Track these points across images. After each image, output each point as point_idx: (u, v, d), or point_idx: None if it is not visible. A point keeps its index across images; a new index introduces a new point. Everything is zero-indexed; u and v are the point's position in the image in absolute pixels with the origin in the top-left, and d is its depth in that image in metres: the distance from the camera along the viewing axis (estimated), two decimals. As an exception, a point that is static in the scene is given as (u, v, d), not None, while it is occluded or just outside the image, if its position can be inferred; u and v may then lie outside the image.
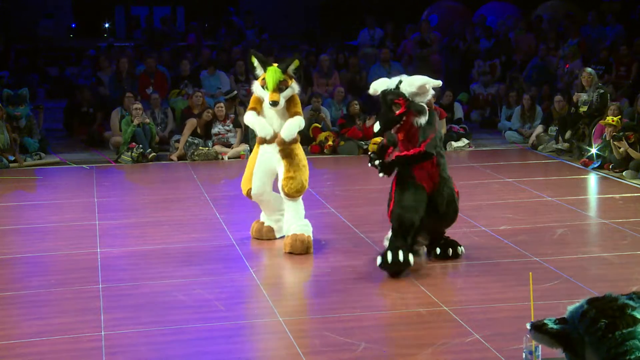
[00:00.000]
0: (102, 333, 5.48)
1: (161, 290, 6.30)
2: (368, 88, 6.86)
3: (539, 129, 12.48)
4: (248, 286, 6.47)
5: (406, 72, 14.88)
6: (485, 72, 15.15)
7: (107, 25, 24.82)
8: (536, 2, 18.55)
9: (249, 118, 7.39)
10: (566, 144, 11.72)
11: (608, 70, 14.02)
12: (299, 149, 7.40)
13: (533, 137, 12.43)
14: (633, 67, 13.93)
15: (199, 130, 11.97)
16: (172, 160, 11.76)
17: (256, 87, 7.36)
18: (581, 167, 10.88)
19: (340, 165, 11.59)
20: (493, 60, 15.45)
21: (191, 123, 11.96)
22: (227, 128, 12.09)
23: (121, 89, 13.32)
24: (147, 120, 11.98)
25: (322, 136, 12.39)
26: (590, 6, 16.74)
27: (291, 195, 7.23)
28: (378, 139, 12.01)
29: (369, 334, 5.53)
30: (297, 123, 7.29)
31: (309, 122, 11.90)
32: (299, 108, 7.40)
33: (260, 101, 7.39)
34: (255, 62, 7.33)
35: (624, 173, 10.21)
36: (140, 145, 11.65)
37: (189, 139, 11.83)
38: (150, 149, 11.74)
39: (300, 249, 7.16)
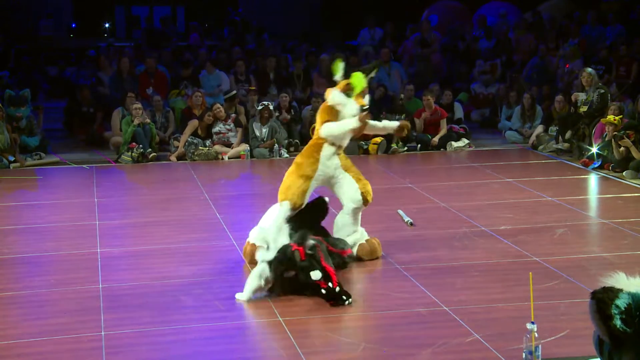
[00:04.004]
0: (102, 333, 5.47)
1: (161, 290, 6.30)
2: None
3: (539, 128, 12.47)
4: (248, 286, 6.46)
5: (406, 72, 14.97)
6: (485, 71, 15.15)
7: (107, 25, 24.81)
8: (536, 2, 18.55)
9: (332, 126, 6.89)
10: (566, 144, 11.72)
11: (608, 70, 14.02)
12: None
13: (533, 137, 12.42)
14: (633, 67, 13.92)
15: (199, 132, 11.95)
16: (172, 160, 11.75)
17: (335, 94, 6.88)
18: (581, 167, 10.88)
19: (340, 165, 11.55)
20: (493, 60, 15.45)
21: (193, 125, 11.95)
22: (228, 127, 12.08)
23: (121, 89, 13.32)
24: (147, 120, 11.97)
25: (322, 136, 12.36)
26: (590, 6, 16.74)
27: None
28: (378, 139, 12.04)
29: (369, 334, 5.53)
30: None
31: (309, 122, 11.88)
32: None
33: (335, 112, 6.89)
34: (341, 65, 6.89)
35: (624, 173, 10.20)
36: (141, 145, 11.64)
37: (189, 139, 11.82)
38: (150, 149, 11.73)
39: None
